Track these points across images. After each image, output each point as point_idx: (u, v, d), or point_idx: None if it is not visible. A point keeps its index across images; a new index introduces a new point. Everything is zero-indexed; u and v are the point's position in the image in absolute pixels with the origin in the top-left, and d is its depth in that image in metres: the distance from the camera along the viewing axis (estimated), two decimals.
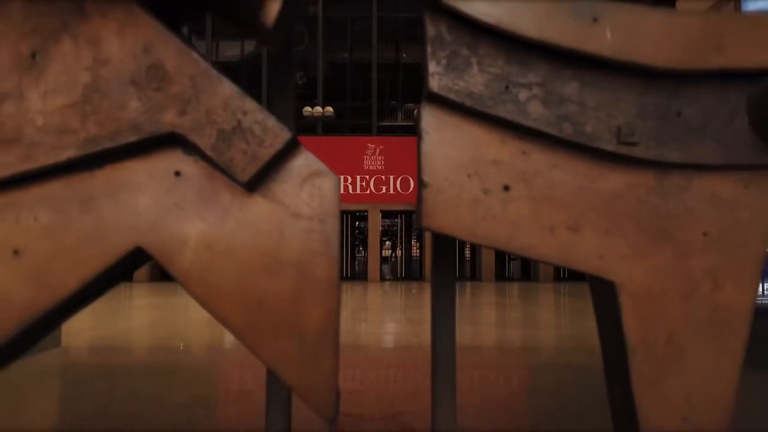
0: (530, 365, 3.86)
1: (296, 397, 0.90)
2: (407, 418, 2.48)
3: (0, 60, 0.77)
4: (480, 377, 3.98)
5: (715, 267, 0.83)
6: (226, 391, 3.33)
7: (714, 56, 0.78)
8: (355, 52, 16.43)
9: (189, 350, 5.39)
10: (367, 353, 6.46)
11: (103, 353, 2.32)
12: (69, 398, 2.45)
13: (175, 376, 3.59)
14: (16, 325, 0.80)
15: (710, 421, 0.83)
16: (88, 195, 0.80)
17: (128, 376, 3.32)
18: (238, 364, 5.08)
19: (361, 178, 14.98)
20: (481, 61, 0.80)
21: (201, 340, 6.20)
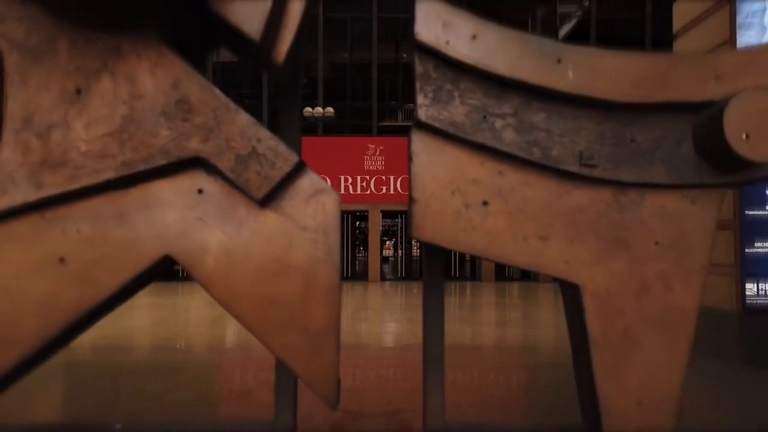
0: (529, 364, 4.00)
1: (302, 387, 1.04)
2: (406, 415, 2.62)
3: (49, 95, 0.91)
4: (480, 376, 4.11)
5: (665, 272, 0.96)
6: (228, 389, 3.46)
7: (661, 92, 0.91)
8: (355, 52, 16.55)
9: (190, 349, 5.55)
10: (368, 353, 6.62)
11: (107, 352, 2.44)
12: (75, 396, 2.56)
13: (179, 375, 3.72)
14: (63, 322, 0.94)
15: (661, 405, 0.96)
16: (123, 210, 0.94)
17: (132, 374, 3.44)
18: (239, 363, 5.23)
19: (361, 179, 15.11)
20: (462, 95, 0.94)
21: (202, 340, 6.34)
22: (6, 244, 0.92)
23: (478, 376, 4.23)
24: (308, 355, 0.95)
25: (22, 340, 0.93)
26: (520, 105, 0.93)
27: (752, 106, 0.86)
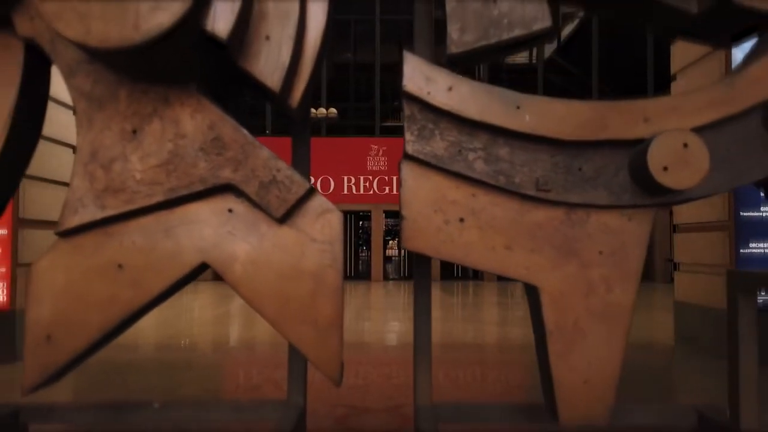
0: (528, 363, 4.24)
1: (311, 368, 1.27)
2: (407, 410, 2.87)
3: (111, 134, 1.15)
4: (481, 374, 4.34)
5: (607, 275, 1.20)
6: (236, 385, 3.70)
7: (601, 131, 1.15)
8: (358, 53, 16.78)
9: (196, 348, 5.83)
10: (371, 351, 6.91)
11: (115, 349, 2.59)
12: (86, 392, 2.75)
13: (186, 372, 3.96)
14: (120, 317, 1.18)
15: (604, 383, 1.20)
16: (169, 226, 1.18)
17: (140, 371, 3.66)
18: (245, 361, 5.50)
19: (364, 179, 15.35)
20: (442, 133, 1.18)
21: (207, 338, 6.61)
22: (77, 254, 1.16)
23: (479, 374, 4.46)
24: (317, 343, 1.19)
25: (88, 330, 1.17)
26: (488, 141, 1.17)
27: (670, 145, 1.10)
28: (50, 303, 1.16)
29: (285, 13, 1.11)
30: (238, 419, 1.47)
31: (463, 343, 6.57)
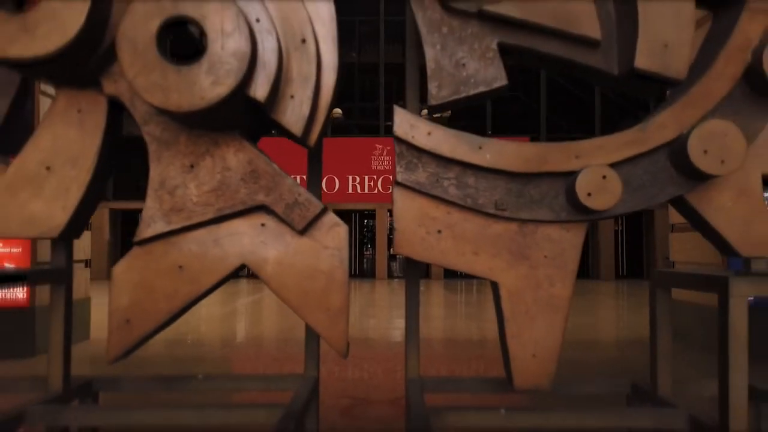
0: None
1: (324, 345, 1.68)
2: None
3: (175, 168, 1.56)
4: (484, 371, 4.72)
5: (551, 274, 1.60)
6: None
7: (543, 165, 1.54)
8: (362, 54, 17.14)
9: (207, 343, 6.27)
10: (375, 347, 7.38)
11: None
12: None
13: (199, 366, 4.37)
14: (180, 306, 1.59)
15: (548, 357, 1.59)
16: (217, 237, 1.59)
17: (153, 365, 4.05)
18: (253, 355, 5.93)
19: (369, 178, 15.76)
20: (424, 166, 1.58)
21: (217, 334, 7.06)
22: (149, 258, 1.57)
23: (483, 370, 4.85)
24: (329, 326, 1.59)
25: (157, 315, 1.58)
26: (458, 172, 1.57)
27: (593, 177, 1.49)
28: (128, 295, 1.57)
29: (305, 78, 1.52)
30: (266, 388, 1.88)
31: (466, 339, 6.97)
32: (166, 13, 1.35)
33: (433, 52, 1.58)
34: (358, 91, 17.51)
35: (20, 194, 1.56)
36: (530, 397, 1.76)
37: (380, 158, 15.81)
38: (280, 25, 1.50)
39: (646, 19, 1.50)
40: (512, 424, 1.56)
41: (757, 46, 1.52)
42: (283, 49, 1.49)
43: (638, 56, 1.51)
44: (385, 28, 16.65)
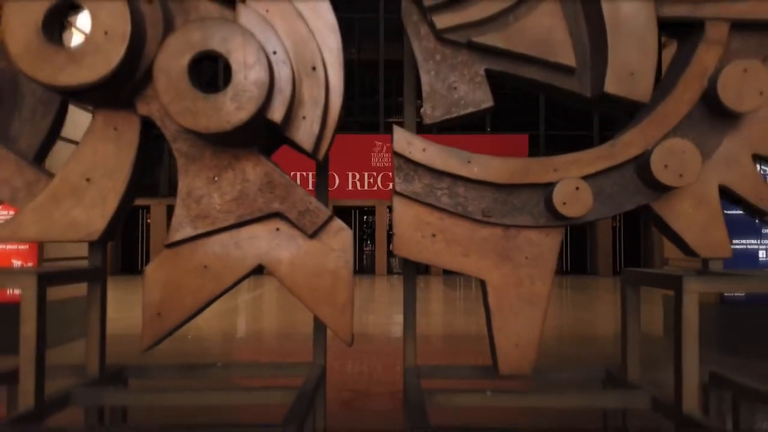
0: None
1: (331, 336, 1.91)
2: None
3: (200, 180, 1.78)
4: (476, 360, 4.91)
5: (531, 273, 1.83)
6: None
7: (525, 177, 1.77)
8: (362, 51, 17.32)
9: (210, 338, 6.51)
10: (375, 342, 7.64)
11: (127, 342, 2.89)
12: None
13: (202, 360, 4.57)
14: (206, 301, 1.81)
15: (528, 347, 1.82)
16: (238, 240, 1.81)
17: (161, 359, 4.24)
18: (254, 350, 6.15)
19: (368, 175, 15.99)
20: (419, 178, 1.80)
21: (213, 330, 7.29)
22: (177, 258, 1.79)
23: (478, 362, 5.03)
24: (336, 318, 1.82)
25: (184, 309, 1.80)
26: (450, 183, 1.80)
27: (568, 188, 1.72)
28: (159, 291, 1.79)
29: (315, 101, 1.74)
30: (279, 375, 2.11)
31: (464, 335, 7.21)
32: (196, 49, 1.57)
33: (428, 78, 1.81)
34: (358, 88, 17.68)
35: (63, 203, 1.79)
36: (517, 382, 1.99)
37: (380, 155, 16.01)
38: (293, 54, 1.72)
39: (615, 50, 1.73)
40: (496, 404, 1.80)
41: (712, 74, 1.74)
42: (296, 75, 1.72)
43: (608, 82, 1.73)
44: (384, 25, 16.82)
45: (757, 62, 1.70)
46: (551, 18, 1.76)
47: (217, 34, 1.58)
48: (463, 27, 1.76)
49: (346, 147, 15.39)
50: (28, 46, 1.59)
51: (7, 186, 1.83)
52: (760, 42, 1.78)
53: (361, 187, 16.22)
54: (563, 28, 1.76)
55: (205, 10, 1.74)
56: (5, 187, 1.83)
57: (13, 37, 1.59)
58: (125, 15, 1.58)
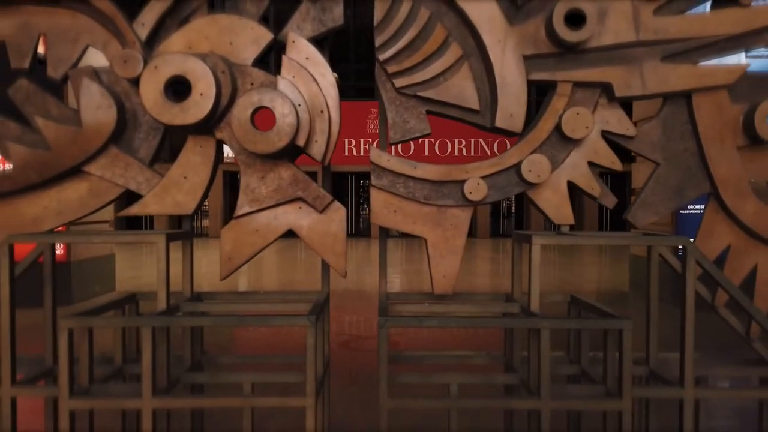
0: None
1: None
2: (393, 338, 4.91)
3: (254, 178, 3.12)
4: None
5: (453, 234, 3.19)
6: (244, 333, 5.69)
7: (449, 176, 3.11)
8: (357, 16, 18.25)
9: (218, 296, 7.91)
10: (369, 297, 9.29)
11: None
12: None
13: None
14: (257, 251, 3.17)
15: (451, 277, 3.20)
16: (276, 214, 3.16)
17: None
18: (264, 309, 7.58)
19: (364, 141, 17.21)
20: (386, 176, 3.14)
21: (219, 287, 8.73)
22: (240, 225, 3.14)
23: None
24: (335, 260, 3.18)
25: (243, 256, 3.17)
26: (404, 180, 3.13)
27: (472, 183, 3.06)
28: (229, 245, 3.15)
29: (323, 131, 3.06)
30: (297, 300, 3.50)
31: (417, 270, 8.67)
32: (255, 105, 2.88)
33: (391, 114, 3.13)
34: (353, 54, 18.67)
35: (171, 191, 3.12)
36: (445, 299, 3.38)
37: (375, 122, 17.17)
38: (309, 104, 3.03)
39: (501, 100, 3.04)
40: (431, 311, 3.20)
41: (560, 113, 3.05)
42: (312, 117, 3.03)
43: (497, 120, 3.05)
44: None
45: (584, 108, 3.02)
46: (465, 80, 3.07)
47: (267, 96, 2.90)
48: (412, 86, 3.08)
49: (343, 114, 16.55)
50: (156, 102, 2.90)
51: (134, 181, 3.15)
52: (591, 94, 3.09)
53: (357, 153, 17.45)
54: (472, 86, 3.08)
55: (255, 75, 3.04)
56: (133, 182, 3.16)
57: (146, 96, 2.90)
58: (212, 84, 2.88)
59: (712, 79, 3.07)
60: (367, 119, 17.14)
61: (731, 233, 3.20)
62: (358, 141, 17.28)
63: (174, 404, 3.01)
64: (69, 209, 3.17)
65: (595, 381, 3.08)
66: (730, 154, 3.12)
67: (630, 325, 2.76)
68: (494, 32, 3.02)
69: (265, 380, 3.14)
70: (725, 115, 3.10)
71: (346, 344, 7.29)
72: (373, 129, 17.03)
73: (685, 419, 2.93)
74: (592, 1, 2.96)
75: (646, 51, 3.04)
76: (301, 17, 3.15)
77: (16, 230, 3.08)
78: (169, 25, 3.12)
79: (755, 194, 3.16)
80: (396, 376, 3.08)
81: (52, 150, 3.04)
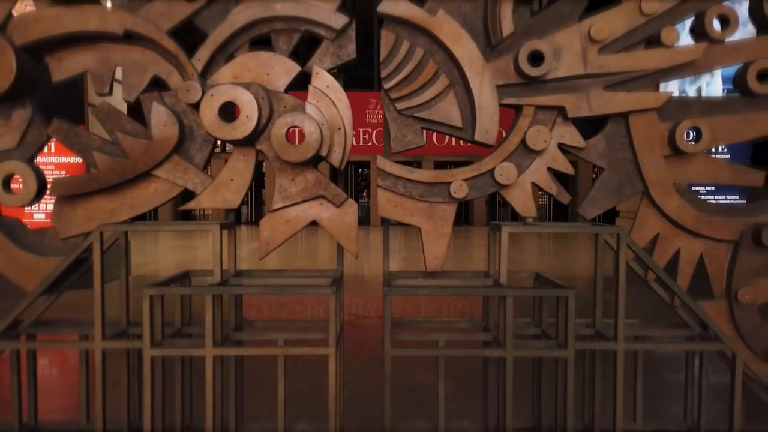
0: None
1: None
2: (394, 309, 5.84)
3: (285, 180, 4.11)
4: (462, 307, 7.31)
5: (442, 224, 4.20)
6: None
7: (438, 179, 4.12)
8: (357, 5, 19.09)
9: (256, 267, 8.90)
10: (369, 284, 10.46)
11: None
12: None
13: None
14: (287, 237, 4.17)
15: (440, 256, 4.22)
16: (304, 208, 4.16)
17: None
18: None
19: (363, 131, 18.15)
20: (389, 178, 4.15)
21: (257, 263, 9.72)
22: (274, 218, 4.15)
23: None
24: (349, 244, 4.19)
25: (276, 241, 4.17)
26: (404, 182, 4.14)
27: (456, 184, 4.06)
28: (267, 232, 4.16)
29: (340, 144, 4.05)
30: (318, 276, 4.52)
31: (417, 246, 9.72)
32: (289, 125, 3.88)
33: (393, 131, 4.12)
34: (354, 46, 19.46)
35: (221, 190, 4.12)
36: (436, 275, 4.40)
37: (374, 112, 18.13)
38: (329, 122, 4.02)
39: (479, 119, 4.04)
40: (423, 283, 4.23)
41: (525, 130, 4.05)
42: (331, 133, 4.02)
43: (476, 135, 4.05)
44: None
45: (544, 127, 4.02)
46: (451, 104, 4.07)
47: (298, 118, 3.89)
48: (410, 108, 4.07)
49: None
50: (212, 122, 3.88)
51: (191, 182, 4.15)
52: (550, 115, 4.09)
53: (357, 142, 18.41)
54: (457, 109, 4.08)
55: (287, 100, 4.02)
56: (190, 183, 4.15)
57: (205, 117, 3.89)
58: (255, 109, 3.87)
59: (644, 103, 4.07)
60: (367, 109, 18.06)
61: (660, 224, 4.22)
62: (357, 131, 18.22)
63: (228, 353, 4.05)
64: (139, 204, 4.17)
65: (551, 338, 4.12)
66: (658, 162, 4.13)
67: (573, 294, 3.79)
68: (474, 67, 4.01)
69: (294, 337, 4.17)
70: (654, 131, 4.10)
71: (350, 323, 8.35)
72: (371, 119, 17.98)
73: (618, 366, 3.97)
74: (548, 44, 3.95)
75: (592, 81, 4.04)
76: (322, 53, 4.14)
77: (99, 221, 4.09)
78: (218, 60, 4.10)
79: (678, 193, 4.17)
80: (396, 334, 4.11)
81: (129, 158, 4.04)
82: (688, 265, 4.24)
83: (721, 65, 4.06)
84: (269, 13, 4.05)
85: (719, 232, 4.19)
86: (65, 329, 4.29)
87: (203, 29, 4.08)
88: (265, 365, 4.15)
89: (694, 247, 4.22)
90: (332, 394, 3.83)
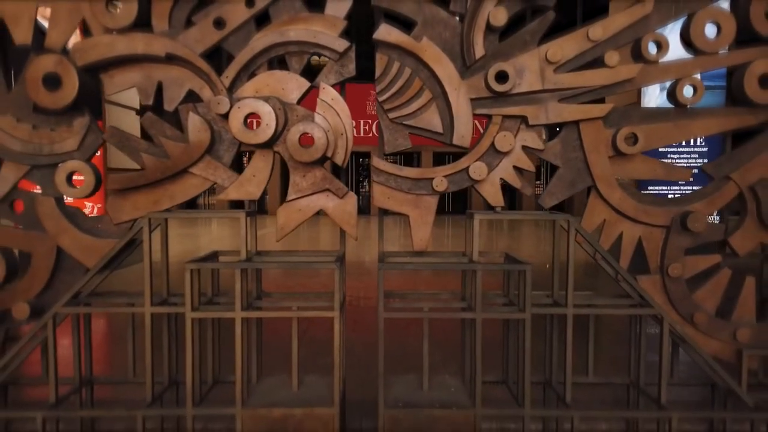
0: None
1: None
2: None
3: (298, 176, 5.18)
4: None
5: (426, 212, 5.28)
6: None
7: (424, 175, 5.18)
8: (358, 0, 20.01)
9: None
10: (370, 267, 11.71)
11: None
12: None
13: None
14: (298, 223, 5.24)
15: (425, 238, 5.30)
16: (312, 199, 5.24)
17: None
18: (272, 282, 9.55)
19: (364, 123, 19.17)
20: (382, 174, 5.22)
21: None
22: (289, 207, 5.22)
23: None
24: (350, 229, 5.26)
25: (291, 226, 5.24)
26: (395, 177, 5.20)
27: (438, 180, 5.12)
28: (282, 219, 5.23)
29: (342, 146, 5.11)
30: (324, 255, 5.59)
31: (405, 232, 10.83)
32: (301, 132, 4.94)
33: (386, 135, 5.18)
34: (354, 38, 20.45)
35: (245, 184, 5.19)
36: (422, 253, 5.48)
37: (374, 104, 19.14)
38: (333, 129, 5.08)
39: (456, 126, 5.09)
40: (412, 261, 5.31)
41: (494, 135, 5.10)
42: (335, 137, 5.08)
43: (454, 139, 5.11)
44: None
45: (509, 133, 5.08)
46: (433, 114, 5.13)
47: (309, 126, 4.95)
48: (400, 117, 5.13)
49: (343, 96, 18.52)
50: (239, 129, 4.94)
51: (220, 178, 5.20)
52: (515, 123, 5.14)
53: (357, 133, 19.45)
54: (438, 118, 5.13)
55: (299, 110, 5.08)
56: (219, 178, 5.21)
57: (233, 125, 4.95)
58: (273, 118, 4.93)
59: (591, 113, 5.12)
60: (367, 101, 19.05)
61: (605, 212, 5.29)
62: (358, 122, 19.22)
63: (253, 315, 5.15)
64: (178, 196, 5.24)
65: (515, 305, 5.20)
66: (604, 161, 5.19)
67: (530, 267, 4.88)
68: (452, 83, 5.06)
69: (306, 304, 5.26)
70: (600, 135, 5.16)
71: (349, 303, 9.44)
72: (372, 110, 18.97)
73: (568, 329, 5.05)
74: (512, 65, 4.99)
75: (549, 95, 5.09)
76: (328, 70, 5.19)
77: (146, 209, 5.16)
78: (242, 77, 5.16)
79: (620, 187, 5.24)
80: (390, 304, 5.19)
81: (171, 158, 5.11)
82: (629, 246, 5.31)
83: (655, 82, 5.11)
84: (284, 38, 5.09)
85: (655, 218, 5.25)
86: (116, 299, 5.38)
87: (230, 52, 5.13)
88: (278, 335, 5.25)
89: (634, 231, 5.29)
90: (336, 348, 4.93)
